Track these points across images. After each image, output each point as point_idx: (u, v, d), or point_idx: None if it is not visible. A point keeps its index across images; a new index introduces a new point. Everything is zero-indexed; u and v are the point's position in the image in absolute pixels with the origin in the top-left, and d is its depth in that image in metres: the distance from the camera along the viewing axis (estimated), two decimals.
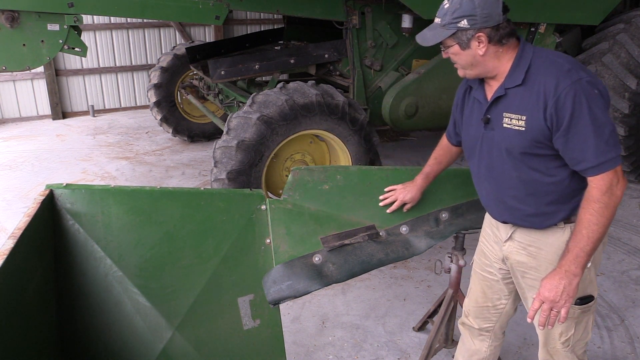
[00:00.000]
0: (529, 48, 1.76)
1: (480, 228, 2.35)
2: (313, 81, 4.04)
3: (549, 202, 1.81)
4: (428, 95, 4.74)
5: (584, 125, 1.62)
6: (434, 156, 2.28)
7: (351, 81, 4.70)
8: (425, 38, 1.82)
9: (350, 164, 4.07)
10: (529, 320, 1.79)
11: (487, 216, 2.13)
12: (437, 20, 1.78)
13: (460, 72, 1.86)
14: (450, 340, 2.78)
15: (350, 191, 2.24)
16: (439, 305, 2.81)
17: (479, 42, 1.72)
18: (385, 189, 2.29)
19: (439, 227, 2.31)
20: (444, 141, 2.27)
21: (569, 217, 1.82)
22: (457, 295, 2.67)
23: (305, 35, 6.07)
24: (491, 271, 2.14)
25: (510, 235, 1.96)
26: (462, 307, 2.69)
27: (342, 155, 4.13)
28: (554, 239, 1.86)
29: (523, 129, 1.73)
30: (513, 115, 1.75)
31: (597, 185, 1.65)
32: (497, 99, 1.80)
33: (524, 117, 1.72)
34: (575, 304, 1.88)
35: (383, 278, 3.71)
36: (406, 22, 4.55)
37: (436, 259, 2.99)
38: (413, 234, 2.28)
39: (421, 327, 3.12)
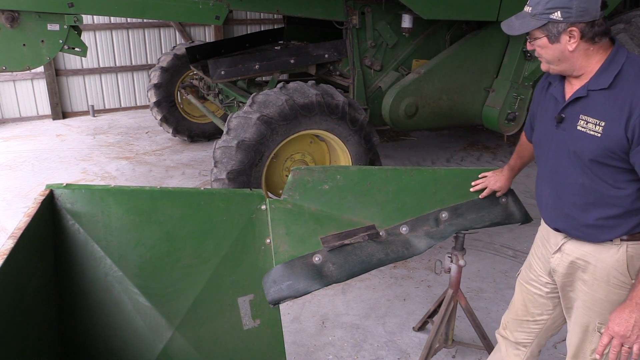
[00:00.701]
0: (622, 52, 1.65)
1: (480, 228, 2.36)
2: (313, 81, 4.04)
3: (609, 216, 1.71)
4: (428, 95, 4.75)
5: None
6: (516, 151, 2.27)
7: (351, 81, 4.70)
8: (512, 26, 1.72)
9: (350, 164, 4.08)
10: (597, 356, 1.69)
11: (541, 228, 2.06)
12: (527, 8, 1.68)
13: (544, 67, 1.76)
14: (450, 340, 2.78)
15: (350, 191, 2.24)
16: (439, 305, 2.81)
17: (570, 37, 1.62)
18: (479, 175, 2.35)
19: (439, 227, 2.31)
20: (523, 137, 2.21)
21: (627, 234, 1.72)
22: (457, 295, 2.67)
23: (305, 35, 6.07)
24: (536, 285, 2.07)
25: (560, 247, 1.89)
26: (462, 307, 2.70)
27: (342, 155, 4.13)
28: (607, 256, 1.76)
29: (599, 135, 1.62)
30: (591, 119, 1.64)
31: None
32: (576, 99, 1.70)
33: (602, 123, 1.61)
34: None
35: (383, 278, 3.71)
36: (406, 22, 4.56)
37: (436, 259, 2.99)
38: (413, 234, 2.28)
39: (421, 327, 3.12)
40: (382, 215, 2.27)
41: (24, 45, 3.68)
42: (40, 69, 7.59)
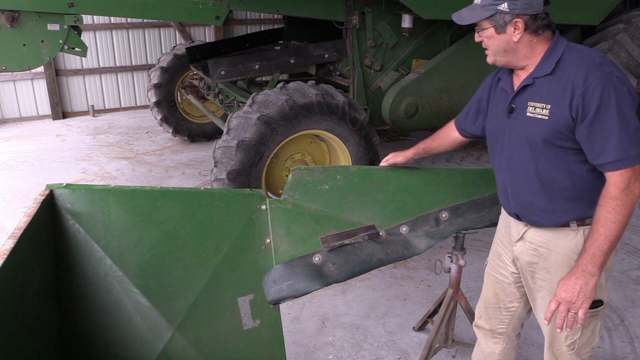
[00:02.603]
0: (562, 41, 1.75)
1: (480, 228, 2.36)
2: (313, 81, 4.04)
3: (563, 199, 1.78)
4: (428, 95, 4.75)
5: (610, 119, 1.60)
6: (434, 134, 2.33)
7: (351, 81, 4.70)
8: (462, 17, 1.81)
9: (350, 164, 4.08)
10: (545, 322, 1.77)
11: (502, 217, 2.11)
12: (477, 0, 1.78)
13: (490, 59, 1.84)
14: (450, 340, 2.78)
15: (350, 191, 2.24)
16: (439, 305, 2.81)
17: (515, 28, 1.71)
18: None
19: (439, 227, 2.31)
20: (449, 124, 2.29)
21: (582, 218, 1.79)
22: (457, 295, 2.67)
23: (305, 35, 6.07)
24: (504, 273, 2.11)
25: (522, 235, 1.94)
26: (462, 307, 2.70)
27: (342, 155, 4.13)
28: (565, 241, 1.83)
29: (546, 118, 1.71)
30: (538, 104, 1.74)
31: (615, 181, 1.63)
32: (523, 88, 1.79)
33: (548, 106, 1.71)
34: None
35: (383, 278, 3.71)
36: (406, 22, 4.56)
37: (436, 259, 2.99)
38: (413, 234, 2.28)
39: (421, 327, 3.12)
40: (382, 215, 2.27)
41: (24, 45, 3.68)
42: (40, 69, 7.59)
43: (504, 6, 1.69)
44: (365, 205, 2.26)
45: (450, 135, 2.27)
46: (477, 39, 1.84)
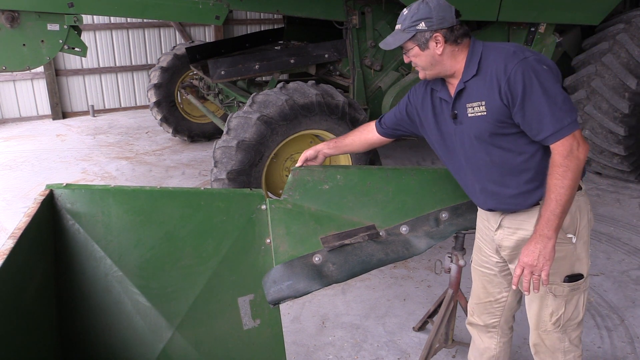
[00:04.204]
0: (478, 43, 1.90)
1: None
2: (313, 81, 4.04)
3: (526, 180, 1.89)
4: None
5: (537, 97, 1.72)
6: (351, 133, 2.39)
7: (351, 81, 4.70)
8: (388, 43, 1.97)
9: (350, 164, 4.07)
10: (513, 287, 1.89)
11: (479, 214, 2.20)
12: (397, 27, 1.94)
13: (421, 74, 1.99)
14: (450, 340, 2.78)
15: (350, 191, 2.24)
16: (439, 305, 2.81)
17: (436, 43, 1.87)
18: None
19: (439, 227, 2.31)
20: (367, 125, 2.35)
21: None
22: (457, 295, 2.67)
23: (305, 35, 6.07)
24: (488, 266, 2.19)
25: (500, 223, 2.03)
26: (462, 307, 2.70)
27: (342, 155, 4.13)
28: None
29: (485, 113, 1.84)
30: (474, 104, 1.86)
31: (558, 151, 1.74)
32: (459, 93, 1.91)
33: (483, 103, 1.83)
34: (563, 281, 1.94)
35: (383, 278, 3.71)
36: None
37: (436, 259, 2.99)
38: (413, 234, 2.28)
39: (421, 327, 3.12)
40: (382, 215, 2.27)
41: (24, 45, 3.68)
42: (40, 69, 7.59)
43: (421, 25, 1.85)
44: (365, 205, 2.26)
45: (364, 134, 2.35)
46: (406, 60, 2.00)
